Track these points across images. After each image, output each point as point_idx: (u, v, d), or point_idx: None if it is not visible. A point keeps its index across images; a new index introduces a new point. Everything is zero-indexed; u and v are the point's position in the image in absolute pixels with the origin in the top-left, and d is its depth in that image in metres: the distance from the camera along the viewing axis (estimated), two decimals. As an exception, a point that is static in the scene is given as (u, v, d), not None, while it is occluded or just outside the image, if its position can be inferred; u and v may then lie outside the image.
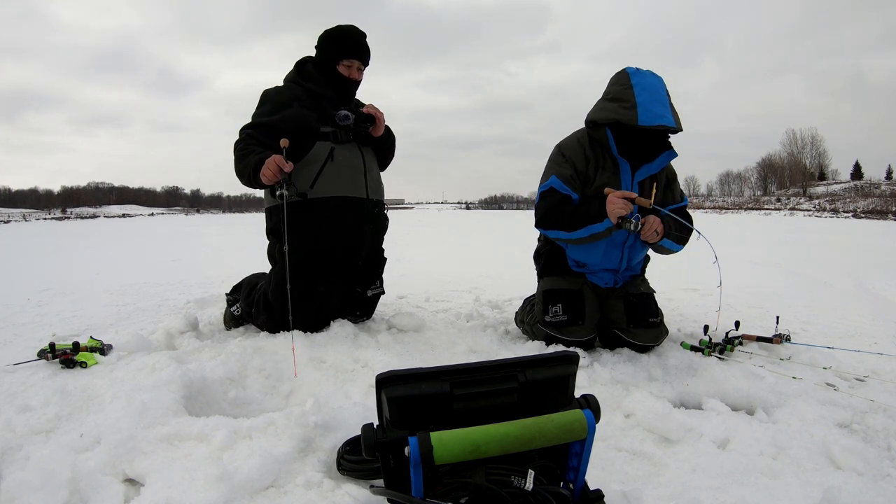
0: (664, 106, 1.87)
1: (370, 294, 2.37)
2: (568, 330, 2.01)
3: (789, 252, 6.70)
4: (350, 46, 2.23)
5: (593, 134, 2.04)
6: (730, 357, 1.95)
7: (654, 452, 1.31)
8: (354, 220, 2.19)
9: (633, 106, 1.85)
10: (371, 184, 2.26)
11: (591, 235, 1.93)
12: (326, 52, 2.24)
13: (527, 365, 0.96)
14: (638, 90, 1.87)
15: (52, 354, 1.77)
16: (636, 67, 1.95)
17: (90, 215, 46.97)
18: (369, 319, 2.46)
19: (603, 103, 1.99)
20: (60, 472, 1.10)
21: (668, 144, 2.02)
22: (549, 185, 2.04)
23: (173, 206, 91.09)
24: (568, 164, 2.03)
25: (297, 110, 2.12)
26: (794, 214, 34.99)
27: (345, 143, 2.19)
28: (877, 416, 1.48)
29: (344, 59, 2.22)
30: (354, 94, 2.35)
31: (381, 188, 2.37)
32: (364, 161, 2.24)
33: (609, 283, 2.14)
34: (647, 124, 1.84)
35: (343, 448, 1.18)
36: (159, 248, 7.75)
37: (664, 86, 1.92)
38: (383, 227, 2.40)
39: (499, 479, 0.85)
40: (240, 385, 1.66)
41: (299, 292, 1.98)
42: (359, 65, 2.27)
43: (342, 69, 2.23)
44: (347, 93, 2.29)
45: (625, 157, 1.99)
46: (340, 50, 2.22)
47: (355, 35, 2.25)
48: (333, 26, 2.28)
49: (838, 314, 2.90)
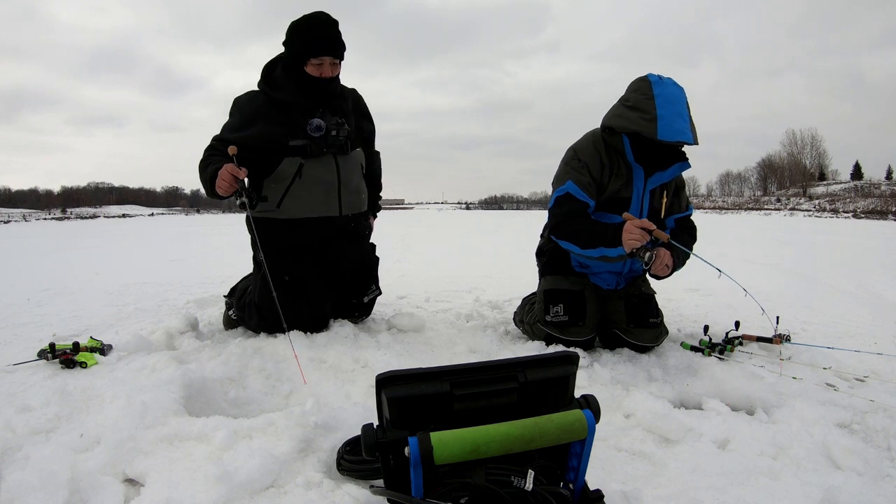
0: (684, 120, 1.83)
1: (366, 300, 2.32)
2: (569, 330, 2.01)
3: (789, 252, 6.69)
4: (316, 42, 1.97)
5: (609, 139, 1.99)
6: (730, 357, 1.95)
7: (654, 452, 1.31)
8: (321, 241, 2.11)
9: (654, 119, 1.80)
10: (347, 198, 2.13)
11: (603, 257, 1.91)
12: (292, 51, 2.01)
13: (527, 365, 0.96)
14: (659, 101, 1.81)
15: (52, 354, 1.77)
16: (658, 75, 1.89)
17: (90, 215, 46.98)
18: (368, 318, 2.44)
19: (622, 110, 1.92)
20: (60, 473, 1.10)
21: (683, 155, 1.99)
22: (565, 191, 1.98)
23: (173, 207, 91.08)
24: (584, 170, 1.98)
25: (262, 127, 2.00)
26: (794, 215, 34.99)
27: (318, 157, 2.04)
28: (877, 416, 1.48)
29: (311, 57, 1.98)
30: (335, 91, 2.11)
31: (360, 200, 2.22)
32: (339, 174, 2.09)
33: (612, 284, 2.14)
34: (667, 140, 1.80)
35: (343, 448, 1.18)
36: (159, 248, 7.75)
37: (685, 98, 1.86)
38: (362, 236, 2.29)
39: (499, 480, 0.85)
40: (240, 385, 1.66)
41: (286, 289, 1.98)
42: (331, 60, 2.02)
43: (311, 69, 2.00)
44: (323, 94, 2.07)
45: (639, 163, 1.96)
46: (306, 47, 1.97)
47: (321, 27, 1.98)
48: (300, 17, 2.00)
49: (838, 314, 2.90)
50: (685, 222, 2.13)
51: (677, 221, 2.11)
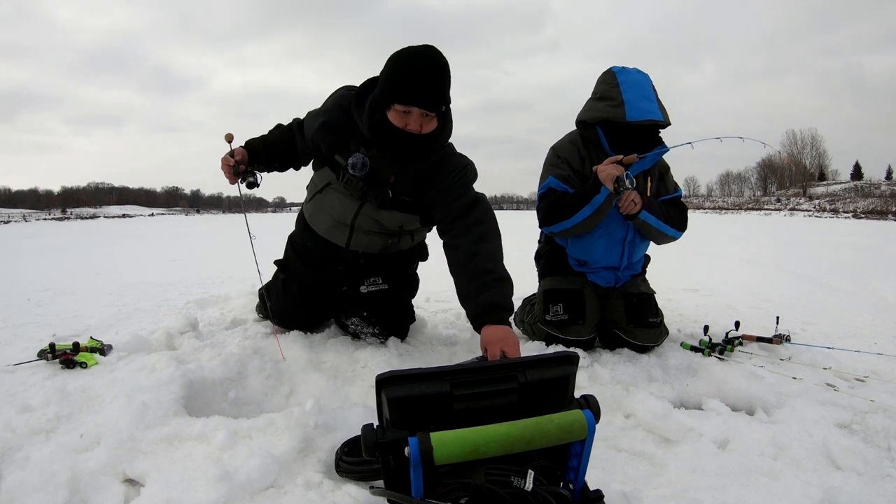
0: (651, 101, 1.91)
1: (364, 290, 2.00)
2: (568, 329, 2.01)
3: (789, 252, 6.70)
4: (407, 87, 1.54)
5: (585, 134, 2.07)
6: (730, 357, 1.95)
7: (654, 453, 1.31)
8: (325, 261, 1.99)
9: (621, 103, 1.89)
10: (359, 238, 1.90)
11: (595, 211, 1.92)
12: (380, 90, 1.61)
13: (527, 365, 0.96)
14: (624, 87, 1.91)
15: (52, 355, 1.77)
16: (622, 66, 1.99)
17: (90, 215, 46.99)
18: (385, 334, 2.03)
19: (591, 103, 2.03)
20: (60, 473, 1.11)
21: (660, 139, 2.04)
22: (547, 186, 2.05)
23: (173, 207, 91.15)
24: (564, 165, 2.05)
25: (318, 131, 1.79)
26: (794, 215, 35.01)
27: (345, 191, 1.81)
28: (877, 416, 1.48)
29: (396, 103, 1.57)
30: (417, 149, 1.68)
31: (378, 244, 1.93)
32: (356, 218, 1.84)
33: (610, 282, 2.14)
34: (636, 119, 1.88)
35: (341, 450, 1.18)
36: (159, 248, 7.75)
37: (650, 81, 1.95)
38: (367, 266, 2.00)
39: (499, 480, 0.85)
40: (240, 385, 1.66)
41: (291, 295, 2.00)
42: (422, 112, 1.57)
43: (394, 117, 1.59)
44: (401, 146, 1.66)
45: (617, 153, 1.98)
46: (394, 90, 1.56)
47: (419, 70, 1.54)
48: (402, 49, 1.59)
49: (838, 314, 2.90)
50: (674, 203, 2.15)
51: (665, 203, 2.13)
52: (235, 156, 1.81)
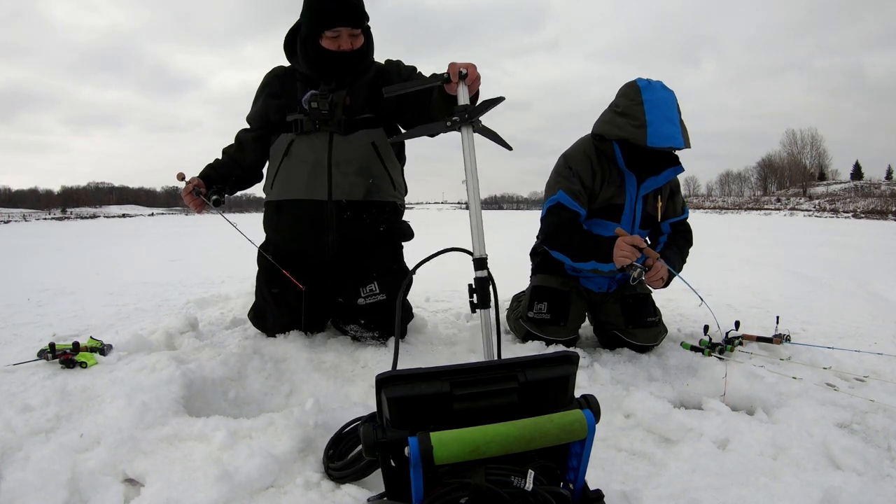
0: (674, 124, 1.80)
1: (362, 302, 1.95)
2: (547, 329, 2.01)
3: (789, 252, 6.69)
4: (329, 12, 1.74)
5: (600, 146, 1.98)
6: (730, 357, 1.95)
7: (654, 452, 1.31)
8: (310, 227, 1.87)
9: (643, 125, 1.77)
10: (339, 181, 1.84)
11: (595, 271, 1.91)
12: (306, 23, 1.80)
13: (527, 365, 0.96)
14: (648, 107, 1.79)
15: (52, 354, 1.77)
16: (647, 80, 1.87)
17: (90, 215, 47.00)
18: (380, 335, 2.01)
19: (611, 116, 1.90)
20: (60, 473, 1.11)
21: (676, 159, 1.98)
22: (556, 200, 1.97)
23: (173, 207, 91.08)
24: (575, 178, 1.96)
25: (263, 103, 1.94)
26: (794, 214, 35.00)
27: (310, 133, 1.84)
28: (877, 416, 1.48)
29: (324, 30, 1.76)
30: (357, 68, 1.86)
31: (360, 186, 1.88)
32: (330, 153, 1.83)
33: (603, 287, 2.13)
34: (657, 146, 1.78)
35: (325, 455, 1.18)
36: (159, 248, 7.75)
37: (675, 101, 1.84)
38: (365, 230, 1.93)
39: (499, 480, 0.85)
40: (240, 385, 1.67)
41: (273, 296, 1.99)
42: (349, 31, 1.78)
43: (327, 43, 1.78)
44: (342, 70, 1.83)
45: (631, 169, 1.96)
46: (318, 19, 1.76)
47: None
48: None
49: (838, 314, 2.90)
50: (681, 226, 2.13)
51: (673, 226, 2.12)
52: (192, 183, 1.92)
